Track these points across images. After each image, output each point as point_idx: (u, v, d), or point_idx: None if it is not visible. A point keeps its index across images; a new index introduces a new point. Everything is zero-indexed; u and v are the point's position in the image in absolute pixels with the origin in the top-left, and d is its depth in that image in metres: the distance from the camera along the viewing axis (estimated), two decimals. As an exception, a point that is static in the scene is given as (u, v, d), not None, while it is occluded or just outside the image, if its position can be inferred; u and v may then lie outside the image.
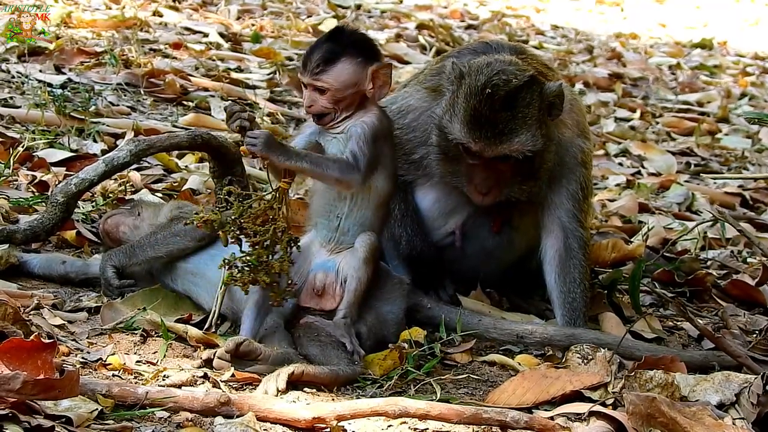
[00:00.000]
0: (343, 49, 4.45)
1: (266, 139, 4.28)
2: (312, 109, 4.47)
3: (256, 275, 4.30)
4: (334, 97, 4.44)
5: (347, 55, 4.44)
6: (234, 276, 4.31)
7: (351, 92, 4.45)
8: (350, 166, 4.38)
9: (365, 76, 4.46)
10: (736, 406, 4.22)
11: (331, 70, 4.42)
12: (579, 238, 5.07)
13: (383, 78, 4.49)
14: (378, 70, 4.48)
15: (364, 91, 4.48)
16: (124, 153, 4.98)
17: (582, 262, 5.07)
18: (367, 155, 4.41)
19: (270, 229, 4.28)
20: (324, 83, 4.43)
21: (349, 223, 4.50)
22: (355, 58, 4.45)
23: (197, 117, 7.55)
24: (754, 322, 5.47)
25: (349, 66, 4.44)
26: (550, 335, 4.82)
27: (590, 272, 5.22)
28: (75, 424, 3.46)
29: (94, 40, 9.23)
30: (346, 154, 4.41)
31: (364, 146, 4.41)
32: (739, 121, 10.71)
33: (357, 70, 4.45)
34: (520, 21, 16.01)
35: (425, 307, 4.86)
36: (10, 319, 4.04)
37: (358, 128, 4.45)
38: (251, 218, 4.29)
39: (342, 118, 4.48)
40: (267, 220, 4.30)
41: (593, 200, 5.76)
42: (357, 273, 4.46)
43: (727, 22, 18.98)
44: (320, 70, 4.42)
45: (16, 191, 5.71)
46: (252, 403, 3.77)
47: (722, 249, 6.69)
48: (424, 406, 3.80)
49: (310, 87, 4.46)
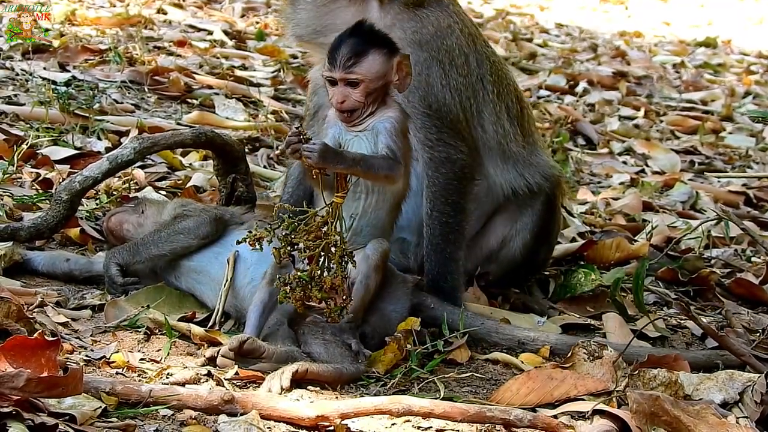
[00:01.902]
0: (370, 41, 4.46)
1: (322, 149, 4.23)
2: (345, 105, 4.44)
3: (309, 292, 4.25)
4: (366, 90, 4.42)
5: (375, 47, 4.45)
6: (287, 294, 4.23)
7: (381, 84, 4.45)
8: (393, 160, 4.38)
9: (392, 67, 4.47)
10: (739, 405, 4.22)
11: (363, 62, 4.42)
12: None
13: (406, 69, 4.51)
14: (402, 61, 4.50)
15: (391, 82, 4.48)
16: (128, 151, 4.98)
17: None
18: (402, 147, 4.42)
19: (323, 244, 4.25)
20: (358, 75, 4.41)
21: (362, 223, 4.48)
22: (382, 50, 4.46)
23: (201, 115, 7.55)
24: (758, 320, 5.46)
25: (379, 57, 4.45)
26: (552, 342, 4.81)
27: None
28: (78, 422, 3.46)
29: (99, 37, 9.23)
30: (384, 150, 4.40)
31: (397, 140, 4.42)
32: (743, 119, 10.70)
33: (385, 61, 4.46)
34: (524, 19, 16.00)
35: (428, 307, 4.85)
36: (13, 317, 4.05)
37: (387, 123, 4.44)
38: (304, 234, 4.24)
39: (366, 114, 4.48)
40: (320, 236, 4.27)
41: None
42: (366, 280, 4.43)
43: (731, 20, 18.96)
44: (353, 62, 4.41)
45: (20, 189, 5.71)
46: (256, 401, 3.77)
47: (726, 248, 6.68)
48: (427, 405, 3.80)
49: (341, 82, 4.43)
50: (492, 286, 5.43)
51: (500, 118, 5.28)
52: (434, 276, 5.04)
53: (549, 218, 5.45)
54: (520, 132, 5.37)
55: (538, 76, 11.28)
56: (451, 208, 5.02)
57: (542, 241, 5.46)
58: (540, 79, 11.10)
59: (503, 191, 5.33)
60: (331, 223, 4.24)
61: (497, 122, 5.26)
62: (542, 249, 5.49)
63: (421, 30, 5.03)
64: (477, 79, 5.21)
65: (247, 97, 8.30)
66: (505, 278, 5.47)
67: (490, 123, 5.24)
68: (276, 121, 7.82)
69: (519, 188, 5.33)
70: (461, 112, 5.08)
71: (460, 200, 5.05)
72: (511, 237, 5.40)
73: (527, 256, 5.42)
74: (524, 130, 5.43)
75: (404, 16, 5.03)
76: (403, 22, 5.02)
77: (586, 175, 8.31)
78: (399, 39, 4.84)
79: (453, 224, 5.04)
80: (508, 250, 5.40)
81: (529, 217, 5.38)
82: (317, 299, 4.23)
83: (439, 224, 5.02)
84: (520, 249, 5.39)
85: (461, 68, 5.10)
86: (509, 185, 5.32)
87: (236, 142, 5.35)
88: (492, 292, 5.39)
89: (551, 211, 5.46)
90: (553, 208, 5.47)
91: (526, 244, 5.39)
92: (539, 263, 5.56)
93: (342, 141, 4.49)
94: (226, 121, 7.59)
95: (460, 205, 5.05)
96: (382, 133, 4.43)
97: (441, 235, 5.02)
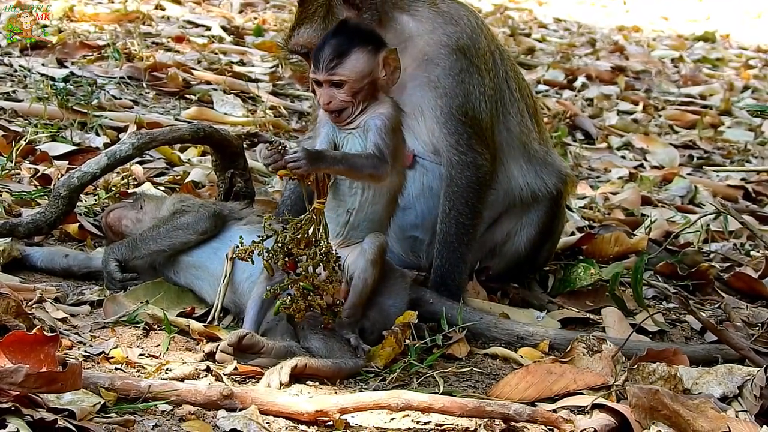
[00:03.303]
0: (352, 40, 4.43)
1: (306, 155, 4.22)
2: (331, 106, 4.42)
3: (311, 301, 4.26)
4: (352, 90, 4.40)
5: (358, 45, 4.42)
6: (286, 304, 4.23)
7: (367, 82, 4.43)
8: (379, 159, 4.36)
9: (378, 64, 4.45)
10: (739, 399, 4.23)
11: (345, 62, 4.40)
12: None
13: (393, 63, 4.48)
14: (388, 56, 4.47)
15: (378, 79, 4.46)
16: (127, 146, 4.98)
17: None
18: (390, 146, 4.40)
19: (315, 251, 4.25)
20: (341, 76, 4.40)
21: (359, 218, 4.47)
22: (366, 47, 4.44)
23: (200, 110, 7.56)
24: (757, 314, 5.46)
25: (363, 55, 4.43)
26: (551, 337, 4.81)
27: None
28: (78, 418, 3.45)
29: (97, 33, 9.23)
30: (371, 148, 4.38)
31: (386, 137, 4.39)
32: (742, 113, 10.71)
33: (370, 58, 4.44)
34: (522, 14, 16.01)
35: (427, 302, 4.85)
36: (12, 313, 4.05)
37: (377, 120, 4.43)
38: (295, 242, 4.25)
39: (358, 112, 4.47)
40: (309, 243, 4.27)
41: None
42: (364, 274, 4.42)
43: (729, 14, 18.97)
44: (335, 64, 4.39)
45: (19, 185, 5.71)
46: (255, 397, 3.77)
47: (725, 242, 6.68)
48: (427, 399, 3.80)
49: (326, 84, 4.42)
50: (492, 280, 5.43)
51: (523, 117, 5.31)
52: (442, 273, 5.05)
53: (555, 216, 5.47)
54: (537, 129, 5.39)
55: (536, 71, 11.28)
56: (470, 211, 5.06)
57: (547, 238, 5.46)
58: (538, 73, 11.10)
59: (521, 193, 5.35)
60: (317, 230, 4.25)
61: (521, 122, 5.29)
62: (546, 245, 5.50)
63: (461, 35, 5.05)
64: (502, 79, 5.24)
65: (245, 93, 8.29)
66: (507, 273, 5.48)
67: (516, 123, 5.27)
68: (274, 116, 7.83)
69: (538, 190, 5.34)
70: (490, 118, 5.11)
71: (478, 204, 5.09)
72: (516, 231, 5.40)
73: (531, 251, 5.43)
74: (540, 128, 5.45)
75: (440, 20, 5.05)
76: (444, 26, 5.04)
77: (585, 169, 8.31)
78: (442, 46, 4.89)
79: (468, 226, 5.07)
80: (512, 244, 5.41)
81: (536, 213, 5.38)
82: (319, 307, 4.24)
83: (456, 224, 5.04)
84: (525, 244, 5.40)
85: (491, 70, 5.13)
86: (529, 188, 5.34)
87: (234, 137, 5.34)
88: (491, 287, 5.39)
89: (558, 208, 5.47)
90: (559, 205, 5.49)
91: (531, 240, 5.39)
92: (542, 259, 5.56)
93: (336, 139, 4.48)
94: (225, 117, 7.59)
95: (478, 209, 5.09)
96: (372, 130, 4.41)
97: (456, 235, 5.05)
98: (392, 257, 5.14)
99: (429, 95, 5.00)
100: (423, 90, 5.00)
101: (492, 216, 5.35)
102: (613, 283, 5.41)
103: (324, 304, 4.25)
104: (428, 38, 5.00)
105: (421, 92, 5.00)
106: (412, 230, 5.20)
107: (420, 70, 5.00)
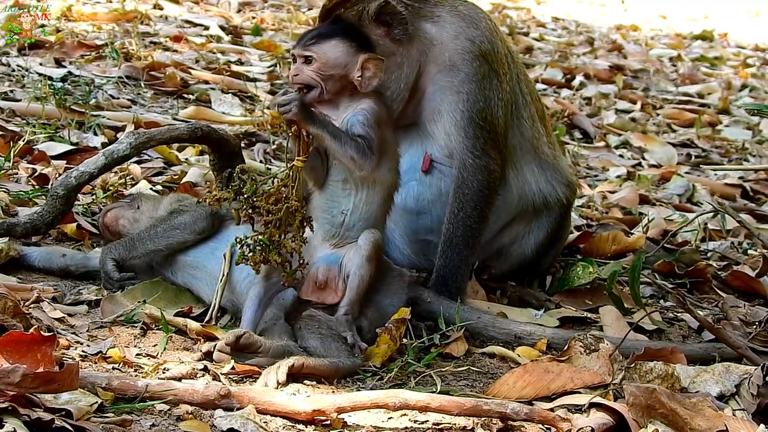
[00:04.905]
0: (339, 30, 4.55)
1: (300, 104, 4.30)
2: (297, 78, 4.49)
3: (268, 255, 4.30)
4: (319, 71, 4.46)
5: (341, 37, 4.51)
6: (245, 255, 4.32)
7: (338, 73, 4.47)
8: (365, 148, 4.39)
9: (355, 62, 4.48)
10: (736, 397, 4.23)
11: (322, 43, 4.49)
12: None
13: (373, 69, 4.51)
14: (369, 60, 4.50)
15: (352, 77, 4.49)
16: (125, 146, 4.98)
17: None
18: (375, 140, 4.42)
19: (283, 208, 4.28)
20: (313, 53, 4.47)
21: (354, 218, 4.49)
22: (349, 42, 4.51)
23: (198, 110, 7.56)
24: (755, 313, 5.46)
25: (341, 46, 4.49)
26: (549, 336, 4.81)
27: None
28: (75, 417, 3.45)
29: (95, 33, 9.22)
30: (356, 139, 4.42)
31: (369, 130, 4.43)
32: (740, 112, 10.71)
33: (348, 52, 4.49)
34: (520, 13, 16.01)
35: (425, 301, 4.86)
36: (9, 312, 4.04)
37: (359, 115, 4.46)
38: (264, 197, 4.31)
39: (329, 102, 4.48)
40: (280, 199, 4.31)
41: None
42: (360, 271, 4.44)
43: (727, 13, 18.98)
44: (313, 42, 4.49)
45: (17, 184, 5.71)
46: (252, 396, 3.77)
47: (723, 240, 6.69)
48: (424, 398, 3.80)
49: (299, 58, 4.50)
50: (494, 280, 5.44)
51: (534, 120, 5.34)
52: (445, 273, 5.05)
53: (563, 223, 5.52)
54: (546, 133, 5.41)
55: (534, 69, 11.28)
56: (477, 214, 5.06)
57: (554, 244, 5.49)
58: (537, 72, 11.10)
59: (534, 198, 5.36)
60: (291, 187, 4.28)
61: (533, 126, 5.32)
62: (552, 251, 5.52)
63: (482, 39, 5.07)
64: (515, 82, 5.26)
65: (243, 92, 8.29)
66: (510, 274, 5.49)
67: (528, 127, 5.29)
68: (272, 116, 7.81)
69: (549, 195, 5.36)
70: (504, 123, 5.12)
71: (486, 209, 5.10)
72: (525, 235, 5.42)
73: (537, 255, 5.45)
74: (548, 131, 5.48)
75: (462, 23, 5.07)
76: (466, 29, 5.06)
77: (583, 168, 8.32)
78: (466, 52, 4.91)
79: (475, 230, 5.08)
80: (519, 246, 5.42)
81: (547, 219, 5.40)
82: (275, 263, 4.28)
83: (463, 226, 5.05)
84: (532, 248, 5.42)
85: (507, 74, 5.15)
86: (541, 193, 5.35)
87: (232, 137, 5.34)
88: (490, 286, 5.39)
89: (566, 216, 5.53)
90: (568, 213, 5.54)
91: (539, 244, 5.41)
92: (546, 264, 5.57)
93: None
94: (223, 116, 7.59)
95: (485, 213, 5.10)
96: (354, 125, 4.45)
97: (462, 237, 5.05)
98: (403, 259, 5.19)
99: (450, 99, 5.02)
100: (444, 94, 5.02)
101: (506, 219, 5.37)
102: (610, 282, 5.41)
103: (280, 260, 4.29)
104: (452, 45, 5.03)
105: (442, 96, 5.03)
106: (426, 234, 5.22)
107: (442, 75, 5.03)
